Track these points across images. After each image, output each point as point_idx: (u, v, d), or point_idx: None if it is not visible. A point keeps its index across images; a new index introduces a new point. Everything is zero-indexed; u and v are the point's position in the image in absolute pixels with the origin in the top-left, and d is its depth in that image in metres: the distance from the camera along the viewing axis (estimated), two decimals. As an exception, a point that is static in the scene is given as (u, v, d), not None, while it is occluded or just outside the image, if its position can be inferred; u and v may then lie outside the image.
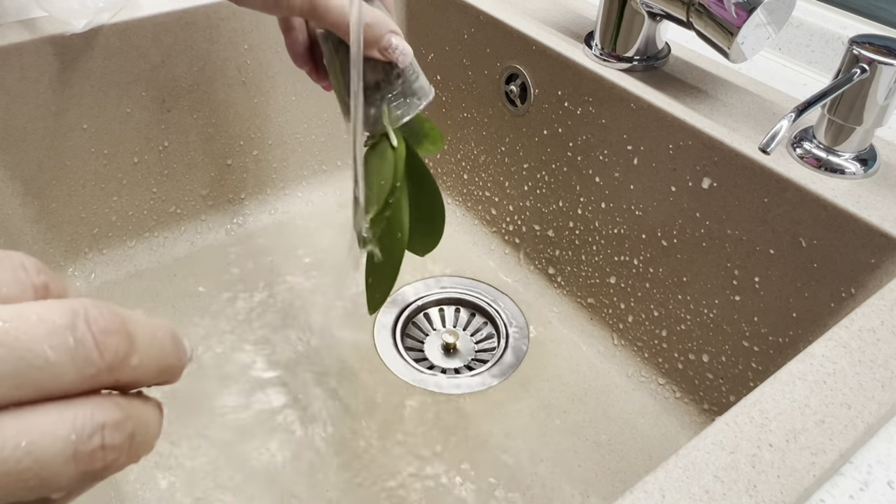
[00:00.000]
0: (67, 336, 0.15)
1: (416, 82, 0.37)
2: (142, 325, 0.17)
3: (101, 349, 0.15)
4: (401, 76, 0.36)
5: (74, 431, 0.15)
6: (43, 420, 0.15)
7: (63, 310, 0.15)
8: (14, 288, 0.15)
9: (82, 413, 0.15)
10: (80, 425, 0.15)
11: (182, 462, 0.49)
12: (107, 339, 0.15)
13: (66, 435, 0.15)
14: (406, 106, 0.36)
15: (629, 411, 0.53)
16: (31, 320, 0.14)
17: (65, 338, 0.15)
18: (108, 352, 0.15)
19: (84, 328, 0.15)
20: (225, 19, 0.59)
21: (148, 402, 0.17)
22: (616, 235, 0.54)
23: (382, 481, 0.48)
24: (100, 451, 0.15)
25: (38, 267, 0.16)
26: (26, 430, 0.14)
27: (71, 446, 0.15)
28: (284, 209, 0.70)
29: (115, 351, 0.15)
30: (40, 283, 0.16)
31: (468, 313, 0.62)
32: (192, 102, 0.61)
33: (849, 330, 0.32)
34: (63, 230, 0.60)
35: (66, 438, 0.15)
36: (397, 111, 0.36)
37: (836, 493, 0.27)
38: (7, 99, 0.52)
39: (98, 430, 0.15)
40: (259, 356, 0.56)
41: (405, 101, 0.36)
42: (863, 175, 0.41)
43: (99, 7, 0.52)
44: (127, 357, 0.16)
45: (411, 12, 0.67)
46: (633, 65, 0.51)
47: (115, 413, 0.16)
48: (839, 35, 0.53)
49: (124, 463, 0.16)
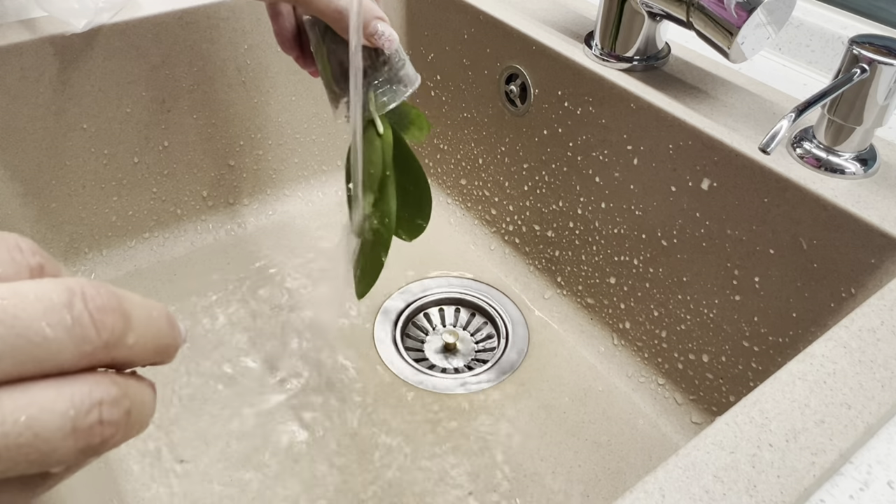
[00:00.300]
0: (65, 314, 0.15)
1: (403, 69, 0.37)
2: (138, 304, 0.17)
3: (98, 327, 0.15)
4: (387, 63, 0.36)
5: (73, 407, 0.15)
6: (42, 396, 0.15)
7: (60, 288, 0.15)
8: (10, 268, 0.16)
9: (80, 389, 0.15)
10: (78, 401, 0.15)
11: (173, 467, 0.49)
12: (103, 316, 0.15)
13: (65, 410, 0.15)
14: (392, 93, 0.36)
15: (629, 412, 0.53)
16: (28, 298, 0.15)
17: (62, 315, 0.15)
18: (105, 329, 0.15)
19: (81, 306, 0.15)
20: (225, 19, 0.59)
21: (142, 381, 0.17)
22: (616, 235, 0.54)
23: (382, 481, 0.48)
24: (97, 427, 0.15)
25: (34, 248, 0.16)
26: (26, 405, 0.14)
27: (70, 421, 0.15)
28: (284, 209, 0.70)
29: (111, 329, 0.16)
30: (35, 263, 0.16)
31: (468, 313, 0.62)
32: (192, 102, 0.61)
33: (849, 330, 0.32)
34: (63, 230, 0.60)
35: (65, 413, 0.15)
36: (383, 98, 0.36)
37: (836, 493, 0.27)
38: (7, 99, 0.52)
39: (96, 405, 0.15)
40: (259, 356, 0.56)
41: (391, 88, 0.36)
42: (863, 175, 0.41)
43: (99, 7, 0.52)
44: (123, 335, 0.16)
45: (411, 12, 0.67)
46: (633, 65, 0.50)
47: (112, 390, 0.16)
48: (839, 35, 0.53)
49: (121, 439, 0.16)
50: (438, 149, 0.70)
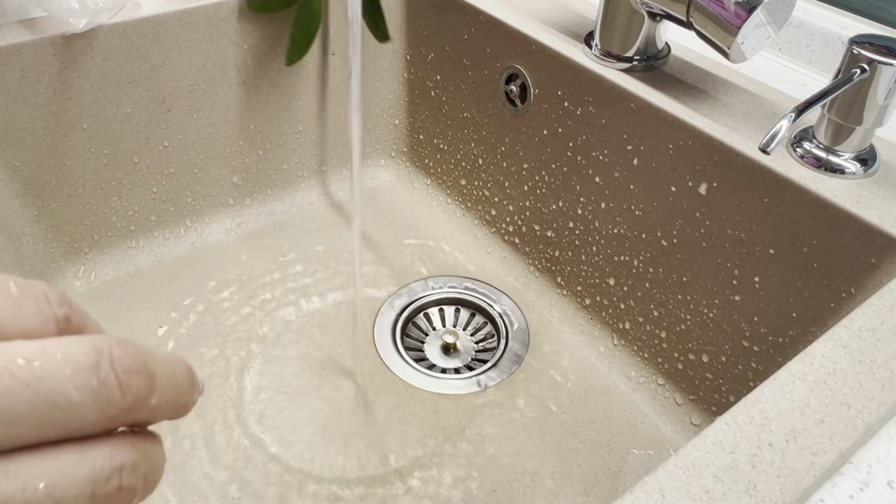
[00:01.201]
0: (91, 376, 0.15)
1: None
2: (162, 363, 0.16)
3: (124, 390, 0.15)
4: None
5: (93, 473, 0.15)
6: (63, 461, 0.15)
7: (88, 348, 0.15)
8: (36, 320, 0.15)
9: (101, 455, 0.15)
10: (98, 468, 0.15)
11: (168, 456, 0.49)
12: (129, 379, 0.15)
13: (85, 476, 0.15)
14: None
15: (629, 412, 0.53)
16: (56, 359, 0.14)
17: (89, 378, 0.15)
18: (130, 392, 0.15)
19: (108, 368, 0.15)
20: (225, 19, 0.59)
21: (155, 440, 0.17)
22: (616, 235, 0.54)
23: (381, 481, 0.48)
24: (116, 494, 0.15)
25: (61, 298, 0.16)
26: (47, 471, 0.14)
27: (89, 488, 0.15)
28: (284, 209, 0.70)
29: (136, 391, 0.15)
30: (62, 315, 0.16)
31: (468, 313, 0.62)
32: (192, 102, 0.61)
33: (849, 330, 0.32)
34: (63, 230, 0.60)
35: (85, 480, 0.15)
36: None
37: (836, 493, 0.27)
38: (7, 99, 0.52)
39: (116, 472, 0.15)
40: (259, 356, 0.56)
41: None
42: (863, 175, 0.41)
43: (99, 7, 0.52)
44: (147, 397, 0.16)
45: (411, 12, 0.67)
46: (633, 65, 0.50)
47: (132, 455, 0.16)
48: (839, 35, 0.53)
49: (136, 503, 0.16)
50: (438, 149, 0.70)
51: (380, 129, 0.73)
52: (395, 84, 0.71)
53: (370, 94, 0.71)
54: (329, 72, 0.67)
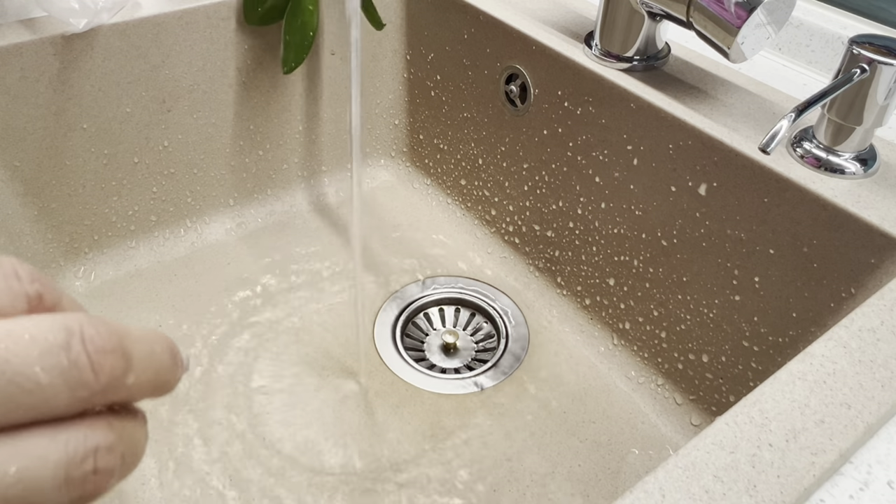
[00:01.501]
0: (61, 356, 0.14)
1: None
2: (139, 341, 0.16)
3: (97, 370, 0.14)
4: None
5: (66, 456, 0.14)
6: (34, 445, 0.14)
7: (57, 327, 0.14)
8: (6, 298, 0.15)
9: (74, 437, 0.14)
10: (72, 450, 0.14)
11: (168, 456, 0.49)
12: (102, 358, 0.14)
13: (58, 460, 0.14)
14: None
15: (629, 411, 0.53)
16: (23, 339, 0.14)
17: (58, 358, 0.14)
18: (104, 373, 0.15)
19: (79, 348, 0.14)
20: (225, 19, 0.59)
21: (136, 417, 0.17)
22: (616, 235, 0.54)
23: (381, 481, 0.48)
24: (91, 476, 0.15)
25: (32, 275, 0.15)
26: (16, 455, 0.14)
27: (62, 471, 0.14)
28: (284, 209, 0.70)
29: (110, 371, 0.15)
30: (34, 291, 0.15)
31: (468, 313, 0.62)
32: (192, 102, 0.61)
33: (849, 330, 0.32)
34: (63, 230, 0.60)
35: (58, 463, 0.14)
36: None
37: (836, 493, 0.27)
38: (7, 99, 0.52)
39: (91, 453, 0.15)
40: (258, 356, 0.56)
41: None
42: (863, 175, 0.41)
43: (99, 7, 0.52)
44: (123, 376, 0.15)
45: (411, 12, 0.67)
46: (633, 65, 0.50)
47: (108, 436, 0.15)
48: (839, 35, 0.53)
49: (113, 484, 0.15)
50: (438, 149, 0.70)
51: (380, 129, 0.73)
52: (395, 84, 0.71)
53: (370, 94, 0.71)
54: (329, 72, 0.67)
